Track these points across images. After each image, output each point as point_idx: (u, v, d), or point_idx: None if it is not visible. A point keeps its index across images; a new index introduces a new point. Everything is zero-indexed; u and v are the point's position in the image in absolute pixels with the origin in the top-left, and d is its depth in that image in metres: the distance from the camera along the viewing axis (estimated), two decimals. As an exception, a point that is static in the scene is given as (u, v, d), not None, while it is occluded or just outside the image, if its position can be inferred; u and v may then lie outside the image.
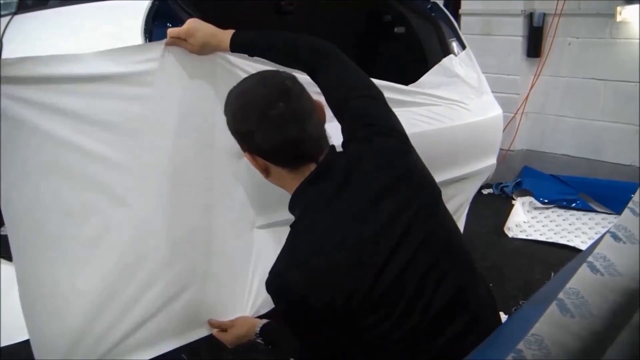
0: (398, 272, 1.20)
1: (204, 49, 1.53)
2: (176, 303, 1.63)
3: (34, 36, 2.05)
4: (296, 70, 1.46)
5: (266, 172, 1.32)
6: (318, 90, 1.45)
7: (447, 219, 1.34)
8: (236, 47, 1.53)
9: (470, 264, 1.31)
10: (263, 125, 1.23)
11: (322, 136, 1.30)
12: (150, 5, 1.71)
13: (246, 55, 1.59)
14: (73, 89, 1.41)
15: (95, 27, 1.94)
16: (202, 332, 1.72)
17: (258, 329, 1.59)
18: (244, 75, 1.56)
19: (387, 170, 1.28)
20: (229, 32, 1.52)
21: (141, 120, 1.51)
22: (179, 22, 1.60)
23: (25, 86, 1.35)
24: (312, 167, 1.27)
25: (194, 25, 1.52)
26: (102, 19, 1.94)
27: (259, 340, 1.59)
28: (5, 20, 1.45)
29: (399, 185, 1.27)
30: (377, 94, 1.44)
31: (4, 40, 1.36)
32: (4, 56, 1.35)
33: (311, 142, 1.26)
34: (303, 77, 1.40)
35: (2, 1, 2.57)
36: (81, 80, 1.41)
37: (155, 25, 1.62)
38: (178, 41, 1.52)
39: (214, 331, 1.70)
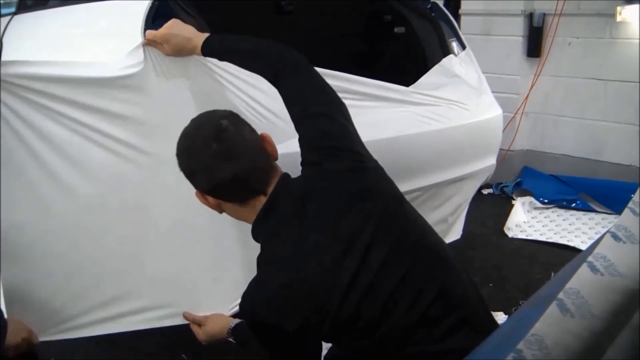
0: (368, 284, 1.21)
1: (180, 53, 1.58)
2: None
3: (34, 36, 2.05)
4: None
5: (219, 208, 1.35)
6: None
7: (416, 223, 1.34)
8: (206, 52, 1.56)
9: (452, 264, 1.31)
10: (200, 167, 1.26)
11: (268, 168, 1.31)
12: (150, 5, 1.71)
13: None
14: (65, 92, 1.47)
15: (95, 27, 1.94)
16: (175, 321, 1.75)
17: (230, 328, 1.59)
18: (220, 74, 1.66)
19: (343, 190, 1.29)
20: (203, 37, 1.55)
21: (126, 121, 1.56)
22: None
23: (19, 87, 1.42)
24: (262, 199, 1.28)
25: (170, 32, 1.56)
26: (102, 19, 1.94)
27: (230, 339, 1.59)
28: (5, 20, 1.45)
29: (356, 202, 1.27)
30: (336, 112, 1.40)
31: (4, 40, 1.36)
32: (3, 56, 1.36)
33: (253, 176, 1.27)
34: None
35: (2, 1, 2.57)
36: (73, 83, 1.48)
37: (155, 25, 1.62)
38: (155, 44, 1.57)
39: (190, 324, 1.71)
